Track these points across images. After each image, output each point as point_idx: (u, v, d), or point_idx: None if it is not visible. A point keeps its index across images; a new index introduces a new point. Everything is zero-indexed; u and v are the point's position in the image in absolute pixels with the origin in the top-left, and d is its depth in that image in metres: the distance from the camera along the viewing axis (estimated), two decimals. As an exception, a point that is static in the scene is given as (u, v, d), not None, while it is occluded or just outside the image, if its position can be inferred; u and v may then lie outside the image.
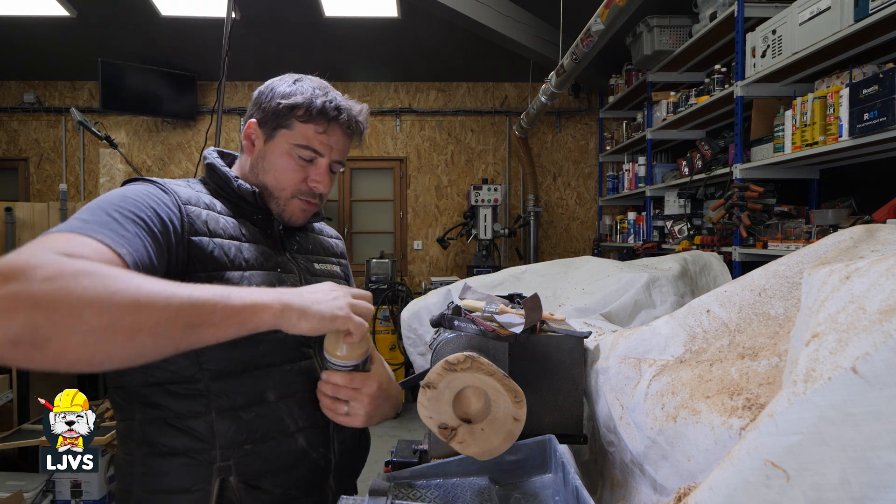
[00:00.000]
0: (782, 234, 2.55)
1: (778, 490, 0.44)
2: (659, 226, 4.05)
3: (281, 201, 0.98)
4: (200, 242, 0.85)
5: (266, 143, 0.98)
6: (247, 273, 0.89)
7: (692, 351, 0.84)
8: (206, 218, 0.88)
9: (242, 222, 0.95)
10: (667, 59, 3.60)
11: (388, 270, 4.44)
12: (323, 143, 0.97)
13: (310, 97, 0.95)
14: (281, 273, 0.95)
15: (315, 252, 1.09)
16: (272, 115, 0.96)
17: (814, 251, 0.77)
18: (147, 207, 0.78)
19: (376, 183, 5.35)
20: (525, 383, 0.94)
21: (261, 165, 0.98)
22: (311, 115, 0.95)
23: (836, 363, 0.44)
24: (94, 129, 3.03)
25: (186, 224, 0.84)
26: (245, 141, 1.00)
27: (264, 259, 0.93)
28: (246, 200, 0.97)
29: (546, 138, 5.28)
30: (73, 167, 5.11)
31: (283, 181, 0.97)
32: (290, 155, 0.96)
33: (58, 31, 4.20)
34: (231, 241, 0.90)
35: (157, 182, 0.88)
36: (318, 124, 0.95)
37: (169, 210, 0.82)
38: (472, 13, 3.66)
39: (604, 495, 0.99)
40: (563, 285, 1.79)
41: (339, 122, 0.97)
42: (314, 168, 0.98)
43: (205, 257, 0.84)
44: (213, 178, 1.00)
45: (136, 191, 0.81)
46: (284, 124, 0.96)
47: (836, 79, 2.22)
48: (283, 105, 0.95)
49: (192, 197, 0.89)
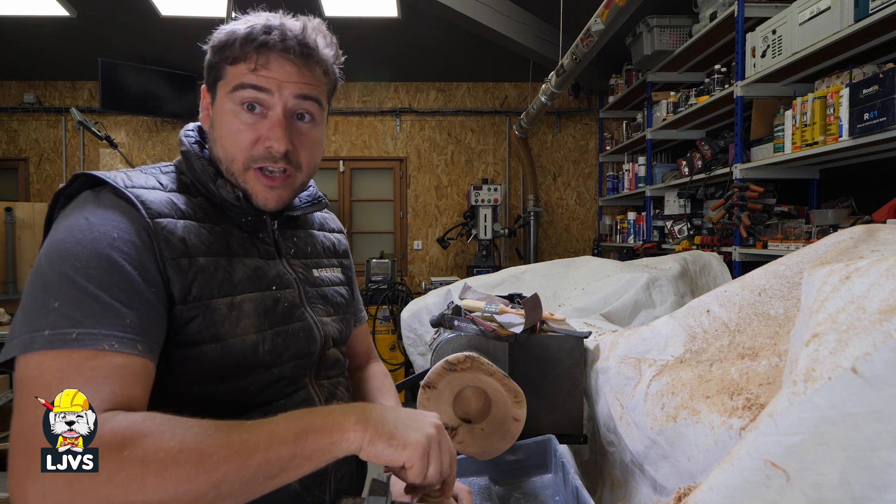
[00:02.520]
0: (782, 234, 2.55)
1: (778, 490, 0.44)
2: (659, 226, 4.05)
3: (237, 177, 0.78)
4: (178, 267, 0.69)
5: (213, 106, 0.80)
6: (238, 298, 0.74)
7: (692, 351, 0.84)
8: (182, 233, 0.71)
9: (228, 228, 0.78)
10: (667, 59, 3.60)
11: (388, 270, 4.44)
12: (263, 78, 0.75)
13: (231, 29, 0.77)
14: (276, 291, 0.80)
15: (314, 254, 0.94)
16: (208, 69, 0.80)
17: (814, 251, 0.77)
18: (118, 263, 0.64)
19: (376, 183, 5.35)
20: (525, 383, 0.95)
21: (212, 136, 0.80)
22: (235, 50, 0.76)
23: (836, 363, 0.44)
24: (94, 129, 3.03)
25: (158, 251, 0.68)
26: (203, 112, 0.83)
27: (257, 277, 0.78)
28: (231, 203, 0.79)
29: (546, 138, 5.28)
30: (73, 167, 5.10)
31: (230, 148, 0.77)
32: (235, 114, 0.76)
33: (58, 31, 4.20)
34: (216, 260, 0.74)
35: (117, 191, 0.70)
36: (248, 59, 0.76)
37: (139, 252, 0.67)
38: (472, 13, 3.66)
39: (604, 495, 0.99)
40: (563, 285, 1.79)
41: (275, 48, 0.76)
42: (267, 122, 0.77)
43: (184, 286, 0.69)
44: (191, 171, 0.81)
45: (93, 239, 0.64)
46: (219, 74, 0.78)
47: (836, 79, 2.22)
48: (211, 53, 0.79)
49: (163, 204, 0.72)
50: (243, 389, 0.74)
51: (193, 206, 0.76)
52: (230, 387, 0.73)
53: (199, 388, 0.71)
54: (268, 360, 0.76)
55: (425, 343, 1.74)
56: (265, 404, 0.76)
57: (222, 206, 0.79)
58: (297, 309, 0.82)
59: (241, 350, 0.73)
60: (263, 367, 0.76)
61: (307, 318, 0.84)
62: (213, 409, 0.69)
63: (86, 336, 0.58)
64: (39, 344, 0.57)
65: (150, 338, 0.64)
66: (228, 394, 0.73)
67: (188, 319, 0.69)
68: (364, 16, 3.91)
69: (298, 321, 0.82)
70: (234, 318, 0.73)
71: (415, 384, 0.99)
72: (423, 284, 4.85)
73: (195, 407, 0.68)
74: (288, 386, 0.79)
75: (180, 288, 0.69)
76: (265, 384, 0.76)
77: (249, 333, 0.74)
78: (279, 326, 0.78)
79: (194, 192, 0.79)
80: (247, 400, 0.75)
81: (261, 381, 0.76)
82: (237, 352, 0.73)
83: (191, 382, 0.70)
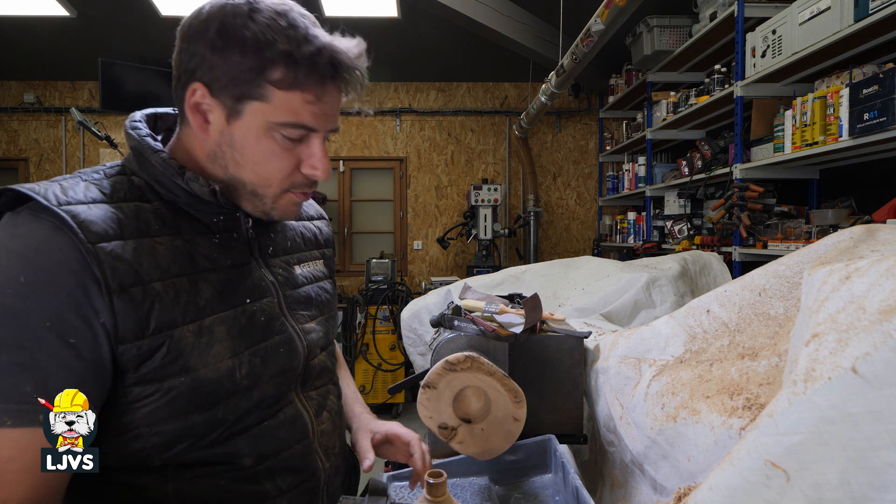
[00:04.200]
0: (782, 234, 2.55)
1: (778, 490, 0.44)
2: (659, 226, 4.05)
3: (267, 199, 0.71)
4: (129, 299, 0.59)
5: (230, 122, 0.66)
6: (206, 321, 0.65)
7: (692, 351, 0.84)
8: (131, 258, 0.60)
9: (191, 238, 0.68)
10: (667, 59, 3.61)
11: (388, 270, 4.44)
12: (316, 115, 0.67)
13: (288, 48, 0.63)
14: (251, 304, 0.71)
15: (294, 248, 0.84)
16: (231, 80, 0.64)
17: (814, 251, 0.77)
18: (21, 314, 0.54)
19: (376, 183, 5.35)
20: (525, 383, 0.95)
21: (230, 156, 0.68)
22: (295, 78, 0.64)
23: (836, 363, 0.44)
24: (94, 129, 3.03)
25: (103, 281, 0.58)
26: (193, 116, 0.67)
27: (228, 292, 0.69)
28: (202, 201, 0.69)
29: (546, 138, 5.28)
30: (74, 167, 5.10)
31: (266, 175, 0.69)
32: (271, 137, 0.67)
33: (58, 31, 4.20)
34: (176, 282, 0.64)
35: (46, 209, 0.58)
36: (307, 90, 0.65)
37: (60, 291, 0.56)
38: (472, 13, 3.66)
39: (604, 495, 0.99)
40: (563, 285, 1.80)
41: (337, 81, 0.67)
42: (307, 149, 0.69)
43: (139, 319, 0.60)
44: (146, 169, 0.68)
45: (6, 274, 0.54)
46: (254, 94, 0.64)
47: (836, 79, 2.22)
48: (248, 66, 0.63)
49: (107, 223, 0.61)
50: (221, 419, 0.66)
51: (146, 217, 0.65)
52: (204, 418, 0.65)
53: (171, 424, 0.63)
54: (246, 385, 0.68)
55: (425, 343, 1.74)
56: (248, 429, 0.69)
57: (185, 209, 0.69)
58: (275, 321, 0.74)
59: (214, 380, 0.65)
60: (241, 393, 0.68)
61: (287, 329, 0.76)
62: (186, 441, 0.64)
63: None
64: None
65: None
66: (204, 425, 0.65)
67: (149, 353, 0.61)
68: (364, 16, 3.92)
69: (278, 334, 0.74)
70: (204, 345, 0.64)
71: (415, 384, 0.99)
72: (423, 284, 4.85)
73: (167, 441, 0.63)
74: (272, 406, 0.72)
75: (135, 321, 0.60)
76: (246, 410, 0.69)
77: (224, 359, 0.66)
78: (257, 345, 0.70)
79: (150, 195, 0.67)
80: (227, 428, 0.67)
81: (240, 408, 0.68)
82: (210, 382, 0.65)
83: (159, 420, 0.63)
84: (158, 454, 0.64)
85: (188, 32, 0.66)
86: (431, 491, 0.71)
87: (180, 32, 0.67)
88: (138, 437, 0.63)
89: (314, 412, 0.78)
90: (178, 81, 0.68)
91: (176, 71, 0.68)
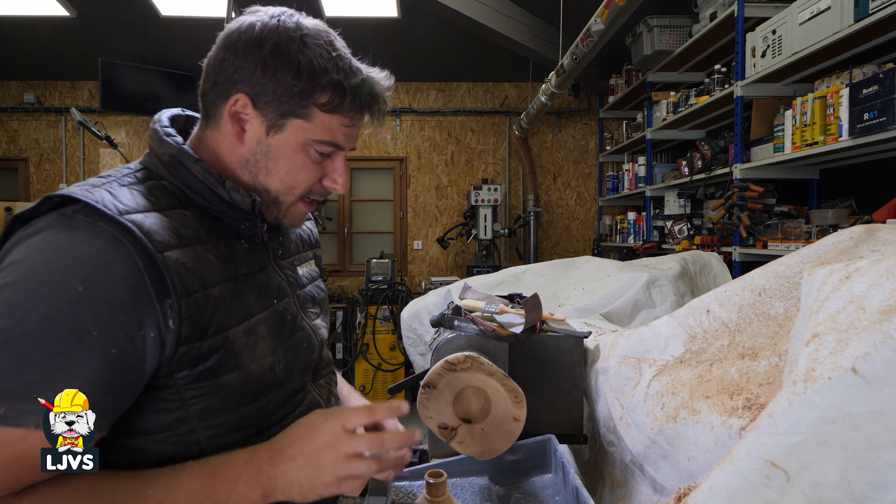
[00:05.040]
0: (782, 234, 2.55)
1: (778, 490, 0.44)
2: (659, 226, 4.05)
3: (285, 206, 0.77)
4: (195, 304, 0.63)
5: (270, 134, 0.72)
6: (252, 321, 0.70)
7: (692, 351, 0.84)
8: (192, 265, 0.64)
9: (230, 244, 0.72)
10: (667, 59, 3.60)
11: (388, 270, 4.44)
12: (348, 136, 0.75)
13: (338, 77, 0.70)
14: (277, 304, 0.77)
15: (295, 251, 0.90)
16: (279, 97, 0.69)
17: (814, 251, 0.77)
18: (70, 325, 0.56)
19: (376, 183, 5.35)
20: (525, 383, 0.95)
21: (262, 164, 0.73)
22: (340, 104, 0.71)
23: (836, 363, 0.44)
24: (94, 129, 3.03)
25: (172, 289, 0.61)
26: (232, 123, 0.72)
27: (263, 293, 0.75)
28: (234, 208, 0.73)
29: (546, 138, 5.28)
30: (73, 167, 5.11)
31: (293, 183, 0.75)
32: (305, 151, 0.73)
33: (58, 31, 4.20)
34: (227, 286, 0.68)
35: (108, 225, 0.59)
36: (346, 115, 0.73)
37: (136, 295, 0.59)
38: (472, 13, 3.66)
39: (604, 495, 0.99)
40: (563, 285, 1.79)
41: (373, 110, 0.76)
42: (331, 164, 0.76)
43: (203, 323, 0.64)
44: (178, 175, 0.71)
45: (52, 287, 0.56)
46: (300, 112, 0.70)
47: (836, 79, 2.22)
48: (301, 88, 0.69)
49: (166, 232, 0.63)
50: (263, 409, 0.72)
51: (193, 224, 0.68)
52: (250, 410, 0.71)
53: (222, 418, 0.69)
54: (282, 378, 0.75)
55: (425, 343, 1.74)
56: (284, 418, 0.75)
57: (218, 215, 0.73)
58: (297, 319, 0.81)
59: (259, 374, 0.71)
60: (279, 385, 0.75)
61: (305, 326, 0.82)
62: (235, 434, 0.70)
63: (14, 412, 0.54)
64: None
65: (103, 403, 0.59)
66: (249, 417, 0.71)
67: (208, 354, 0.65)
68: (364, 16, 3.91)
69: (300, 331, 0.81)
70: (252, 344, 0.70)
71: (415, 384, 0.99)
72: (423, 284, 4.85)
73: (219, 434, 0.68)
74: (298, 396, 0.79)
75: (199, 325, 0.64)
76: (282, 401, 0.75)
77: (266, 356, 0.72)
78: (287, 341, 0.77)
79: (184, 201, 0.70)
80: (266, 418, 0.73)
81: (279, 399, 0.75)
82: (257, 377, 0.71)
83: (212, 414, 0.68)
84: (210, 447, 0.68)
85: (235, 44, 0.70)
86: (431, 491, 0.71)
87: (224, 41, 0.72)
88: (192, 431, 0.66)
89: (325, 399, 0.86)
90: (213, 86, 0.72)
91: (212, 76, 0.72)
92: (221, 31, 0.74)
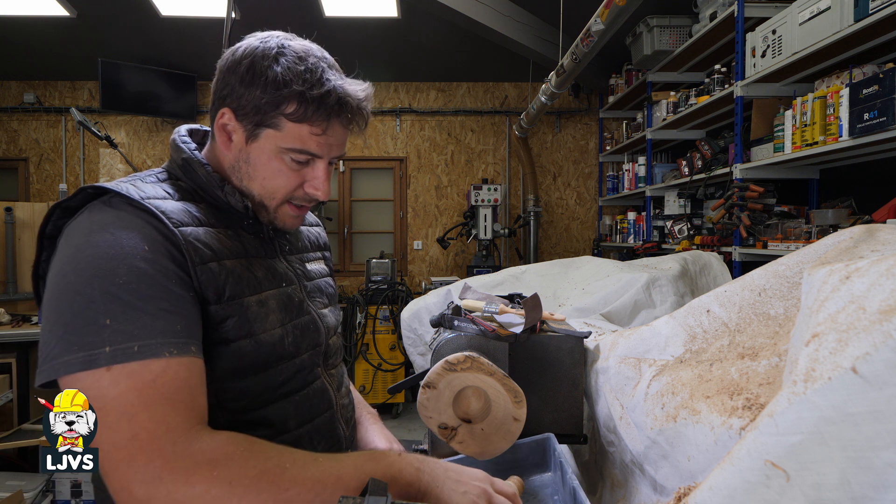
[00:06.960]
0: (782, 234, 2.55)
1: (778, 490, 0.44)
2: (659, 226, 4.05)
3: (270, 210, 0.84)
4: (209, 271, 0.72)
5: (248, 143, 0.80)
6: (263, 294, 0.79)
7: (692, 351, 0.84)
8: (205, 239, 0.74)
9: (237, 232, 0.81)
10: (667, 59, 3.60)
11: (388, 270, 4.44)
12: (321, 145, 0.80)
13: (301, 89, 0.76)
14: (286, 287, 0.85)
15: (304, 249, 0.98)
16: (253, 109, 0.77)
17: (814, 251, 0.77)
18: (155, 275, 0.67)
19: (376, 183, 5.35)
20: (525, 383, 0.94)
21: (244, 170, 0.82)
22: (305, 113, 0.77)
23: (836, 363, 0.44)
24: (94, 129, 3.03)
25: (189, 258, 0.71)
26: (220, 134, 0.81)
27: (273, 275, 0.83)
28: (234, 208, 0.83)
29: (546, 138, 5.28)
30: (73, 167, 5.11)
31: (272, 189, 0.82)
32: (280, 158, 0.80)
33: (58, 31, 4.20)
34: (239, 261, 0.78)
35: (132, 201, 0.71)
36: (314, 124, 0.78)
37: (170, 261, 0.69)
38: (472, 13, 3.66)
39: (604, 495, 0.99)
40: (563, 285, 1.79)
41: (341, 117, 0.80)
42: (311, 171, 0.83)
43: (218, 288, 0.73)
44: (191, 177, 0.82)
45: (126, 253, 0.66)
46: (270, 123, 0.78)
47: (836, 79, 2.22)
48: (267, 100, 0.76)
49: (181, 213, 0.74)
50: (272, 379, 0.79)
51: (204, 213, 0.78)
52: (261, 378, 0.78)
53: (234, 383, 0.75)
54: (291, 351, 0.82)
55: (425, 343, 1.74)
56: (293, 393, 0.82)
57: (226, 211, 0.82)
58: (303, 303, 0.88)
59: (271, 343, 0.78)
60: (287, 358, 0.81)
61: (311, 311, 0.89)
62: (244, 400, 0.76)
63: (146, 347, 0.62)
64: (104, 360, 0.60)
65: (198, 338, 0.69)
66: (259, 384, 0.78)
67: (224, 318, 0.73)
68: (364, 16, 3.91)
69: (307, 314, 0.87)
70: (264, 315, 0.78)
71: (415, 384, 0.99)
72: (423, 284, 4.85)
73: (229, 398, 0.75)
74: (307, 375, 0.85)
75: (214, 289, 0.72)
76: (291, 374, 0.82)
77: (276, 328, 0.79)
78: (295, 319, 0.84)
79: (197, 198, 0.81)
80: (275, 389, 0.80)
81: (287, 371, 0.81)
82: (268, 345, 0.78)
83: (226, 377, 0.75)
84: (222, 413, 0.74)
85: (226, 65, 0.81)
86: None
87: (220, 64, 0.82)
88: (210, 394, 0.71)
89: (335, 388, 0.92)
90: (212, 105, 0.83)
91: (213, 96, 0.83)
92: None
